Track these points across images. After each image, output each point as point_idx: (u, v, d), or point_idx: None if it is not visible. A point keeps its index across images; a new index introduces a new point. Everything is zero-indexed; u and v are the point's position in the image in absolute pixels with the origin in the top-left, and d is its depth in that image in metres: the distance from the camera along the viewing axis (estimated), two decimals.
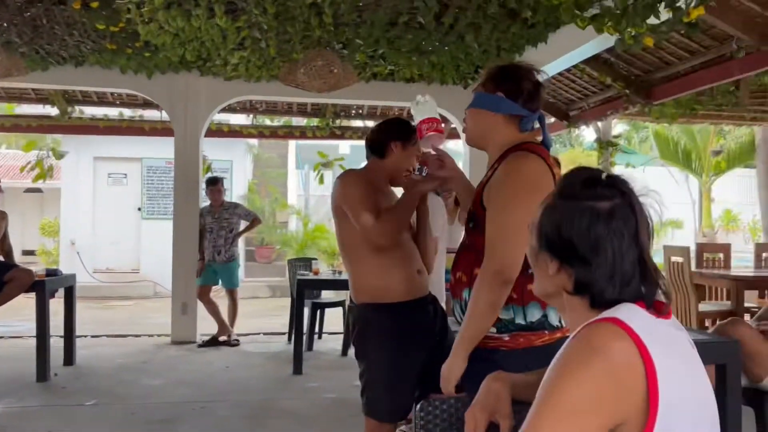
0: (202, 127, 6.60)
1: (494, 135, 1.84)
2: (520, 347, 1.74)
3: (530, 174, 1.72)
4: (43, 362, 4.85)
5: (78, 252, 11.09)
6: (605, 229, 1.06)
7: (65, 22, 4.88)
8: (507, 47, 5.23)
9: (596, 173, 1.13)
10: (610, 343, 0.97)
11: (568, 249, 1.09)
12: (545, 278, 1.15)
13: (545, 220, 1.13)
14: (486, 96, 1.84)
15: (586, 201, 1.09)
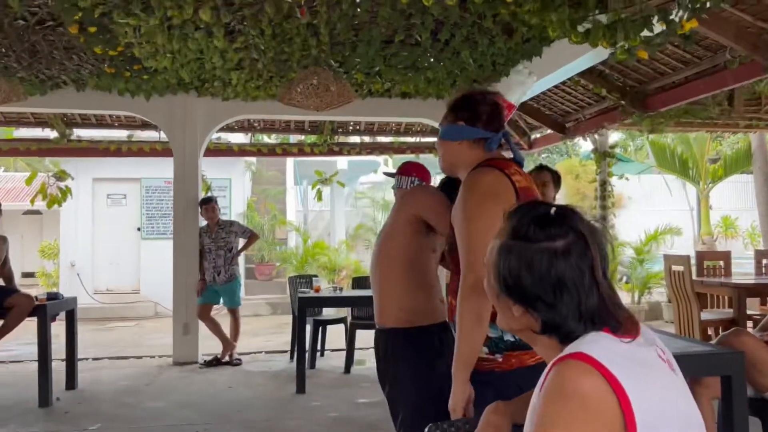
0: (200, 147, 6.63)
1: (462, 160, 1.92)
2: (512, 368, 1.76)
3: (484, 184, 1.78)
4: (45, 387, 4.83)
5: (78, 273, 11.07)
6: (565, 267, 1.05)
7: (64, 47, 4.92)
8: (502, 62, 5.28)
9: (545, 210, 1.11)
10: (581, 384, 0.97)
11: (531, 294, 1.08)
12: (510, 318, 1.14)
13: (502, 263, 1.11)
14: (448, 127, 1.95)
15: (541, 242, 1.07)
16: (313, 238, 12.21)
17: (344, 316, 6.42)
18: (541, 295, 1.06)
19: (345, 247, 12.14)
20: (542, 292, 1.06)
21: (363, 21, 4.57)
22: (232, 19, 4.37)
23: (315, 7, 4.23)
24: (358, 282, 6.76)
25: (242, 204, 11.85)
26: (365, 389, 5.21)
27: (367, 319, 5.99)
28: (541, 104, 7.16)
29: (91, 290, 11.05)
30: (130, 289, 11.34)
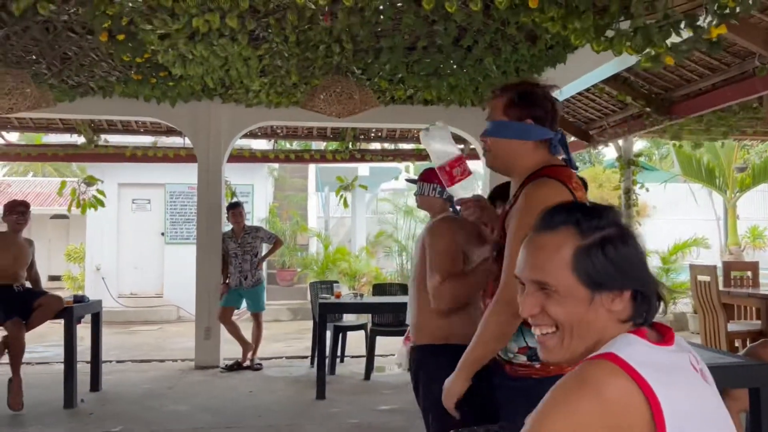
0: (224, 153, 6.70)
1: (523, 163, 1.81)
2: (551, 374, 1.72)
3: (545, 201, 1.65)
4: (71, 388, 4.90)
5: (103, 277, 11.23)
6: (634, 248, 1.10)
7: (93, 54, 5.02)
8: (525, 68, 5.25)
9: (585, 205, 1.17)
10: (604, 380, 0.96)
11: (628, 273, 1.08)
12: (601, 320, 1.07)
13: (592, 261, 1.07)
14: (514, 125, 1.79)
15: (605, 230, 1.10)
16: (334, 245, 12.25)
17: (365, 323, 6.42)
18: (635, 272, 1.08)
19: (366, 253, 12.16)
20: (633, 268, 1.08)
21: (386, 28, 4.58)
22: (256, 26, 4.42)
23: (338, 14, 4.26)
24: (378, 288, 6.76)
25: (265, 210, 11.94)
26: (385, 396, 5.20)
27: (387, 326, 5.99)
28: (564, 111, 7.11)
29: (116, 294, 11.21)
30: (154, 293, 11.47)
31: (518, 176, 1.84)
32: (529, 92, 1.82)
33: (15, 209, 5.10)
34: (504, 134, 1.82)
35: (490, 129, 1.85)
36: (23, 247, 5.14)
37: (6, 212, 5.13)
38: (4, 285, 4.92)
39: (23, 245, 5.16)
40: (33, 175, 20.14)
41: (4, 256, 4.98)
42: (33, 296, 4.98)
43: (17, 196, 16.75)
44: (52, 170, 20.10)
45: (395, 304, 5.54)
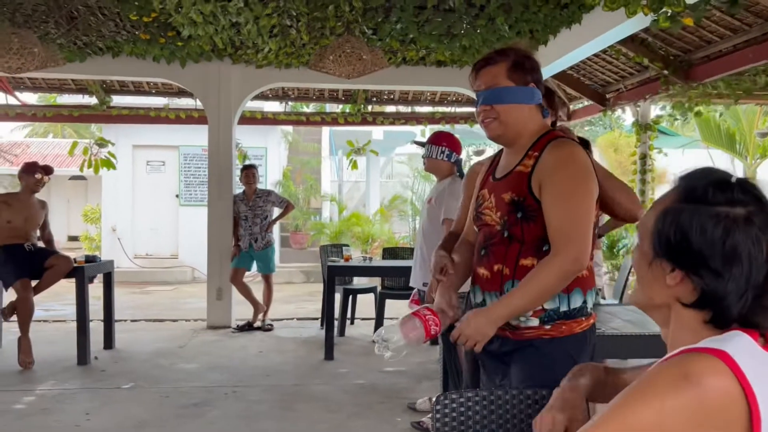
0: (234, 114, 6.67)
1: (531, 127, 1.82)
2: (562, 335, 1.74)
3: (585, 160, 1.75)
4: (84, 346, 5.01)
5: (119, 238, 11.39)
6: (743, 237, 0.96)
7: (100, 13, 4.97)
8: (539, 29, 5.12)
9: (726, 176, 1.02)
10: (709, 378, 0.89)
11: (698, 259, 0.98)
12: (657, 288, 1.04)
13: (667, 225, 1.00)
14: (522, 89, 1.80)
15: (719, 206, 0.97)
16: (348, 209, 12.26)
17: (374, 286, 6.45)
18: (709, 262, 0.96)
19: (380, 216, 12.15)
20: (711, 258, 0.96)
21: None
22: None
23: None
24: (388, 252, 6.77)
25: (278, 173, 11.94)
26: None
27: (396, 289, 6.00)
28: (581, 74, 6.94)
29: (132, 254, 11.37)
30: (169, 254, 11.62)
31: (523, 142, 1.82)
32: (527, 56, 1.84)
33: (36, 170, 5.12)
34: (514, 99, 1.80)
35: (495, 96, 1.80)
36: (35, 207, 5.20)
37: (25, 172, 5.16)
38: (15, 244, 4.99)
39: (35, 206, 5.21)
40: (53, 137, 20.30)
41: (16, 217, 5.04)
42: (44, 256, 5.05)
43: (36, 157, 16.94)
44: (72, 132, 20.24)
45: (403, 267, 5.53)
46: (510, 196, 1.78)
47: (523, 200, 1.75)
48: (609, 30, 4.47)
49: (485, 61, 1.84)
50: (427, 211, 3.76)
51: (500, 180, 1.85)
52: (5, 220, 4.99)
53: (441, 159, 3.74)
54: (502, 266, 1.78)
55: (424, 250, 3.71)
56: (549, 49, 5.42)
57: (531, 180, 1.75)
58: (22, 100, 8.03)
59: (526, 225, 1.75)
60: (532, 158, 1.77)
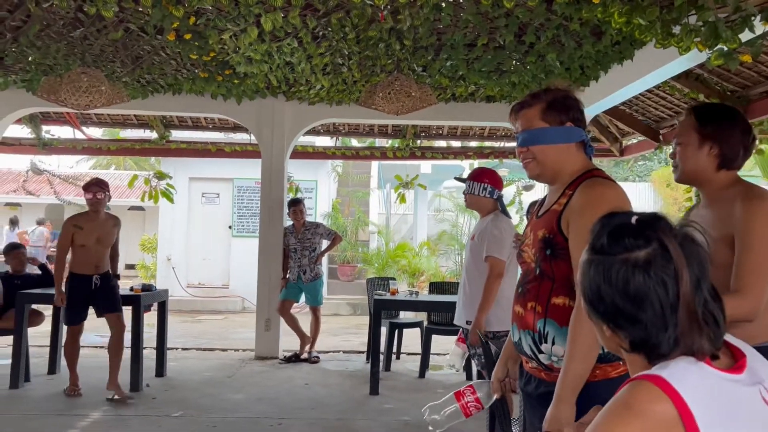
0: (287, 149, 6.84)
1: (570, 167, 1.83)
2: (596, 379, 1.69)
3: (615, 199, 1.72)
4: (137, 373, 5.15)
5: (173, 267, 11.71)
6: (645, 280, 0.98)
7: (163, 53, 5.23)
8: (590, 65, 5.09)
9: (625, 219, 1.04)
10: (648, 406, 0.92)
11: (613, 311, 1.02)
12: (603, 339, 1.09)
13: (585, 279, 1.05)
14: (557, 129, 1.82)
15: (617, 254, 1.00)
16: (395, 241, 12.29)
17: (420, 320, 6.41)
18: (622, 310, 1.00)
19: (427, 249, 12.11)
20: (623, 306, 0.99)
21: (446, 25, 4.54)
22: (317, 25, 4.49)
23: (398, 12, 4.27)
24: (435, 287, 6.73)
25: (327, 205, 12.11)
26: (439, 395, 5.13)
27: (443, 324, 5.95)
28: (633, 109, 6.84)
29: (185, 283, 11.66)
30: (221, 284, 11.87)
31: (562, 179, 1.84)
32: (563, 96, 1.85)
33: (88, 189, 4.96)
34: (548, 140, 1.83)
35: (531, 137, 1.84)
36: (107, 225, 5.01)
37: (83, 192, 5.04)
38: (84, 276, 4.87)
39: (107, 224, 5.01)
40: (115, 169, 21.21)
41: (88, 238, 4.87)
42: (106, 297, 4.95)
43: None
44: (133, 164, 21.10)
45: (449, 302, 5.49)
46: (543, 233, 1.80)
47: (552, 237, 1.76)
48: (662, 66, 4.41)
49: (521, 104, 1.88)
50: (470, 248, 3.76)
51: (540, 218, 1.86)
52: (79, 243, 4.86)
53: (483, 195, 3.73)
54: (534, 304, 1.78)
55: (467, 288, 3.69)
56: (600, 85, 5.38)
57: (561, 218, 1.76)
58: (88, 134, 8.46)
59: (555, 262, 1.75)
60: (566, 196, 1.78)
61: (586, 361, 1.64)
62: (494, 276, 3.54)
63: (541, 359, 1.77)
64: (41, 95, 5.01)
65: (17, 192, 13.31)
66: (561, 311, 1.72)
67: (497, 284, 3.53)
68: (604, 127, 7.61)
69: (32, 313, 5.44)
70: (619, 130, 7.64)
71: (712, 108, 2.14)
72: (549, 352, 1.74)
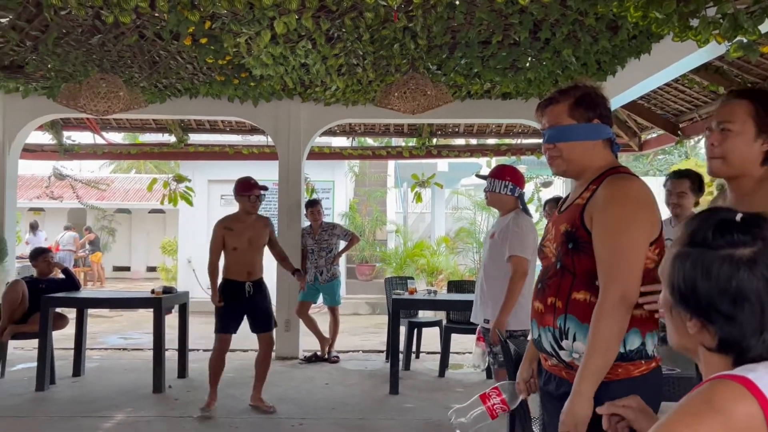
0: (303, 150, 6.87)
1: (595, 163, 1.83)
2: (619, 377, 1.67)
3: (639, 194, 1.71)
4: (159, 375, 5.21)
5: (194, 269, 11.81)
6: (749, 278, 0.95)
7: (180, 58, 5.28)
8: (607, 60, 5.05)
9: (729, 215, 1.01)
10: (733, 405, 0.89)
11: (708, 305, 0.98)
12: (683, 335, 1.05)
13: (677, 271, 1.02)
14: (584, 126, 1.82)
15: (721, 249, 0.98)
16: (413, 240, 12.28)
17: (440, 319, 6.41)
18: (718, 306, 0.96)
19: (445, 246, 12.08)
20: (720, 302, 0.96)
21: (460, 23, 4.53)
22: (330, 26, 4.50)
23: (411, 11, 4.26)
24: (454, 285, 6.72)
25: (344, 205, 12.14)
26: (458, 394, 5.17)
27: (462, 323, 5.94)
28: (652, 103, 6.76)
29: (205, 285, 11.74)
30: None
31: (588, 177, 1.83)
32: (591, 93, 1.84)
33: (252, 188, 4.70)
34: (576, 137, 1.82)
35: (558, 134, 1.84)
36: (257, 227, 4.78)
37: (237, 193, 4.74)
38: (237, 282, 4.66)
39: (257, 225, 4.79)
40: (135, 172, 21.48)
41: (239, 241, 4.66)
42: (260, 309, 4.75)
43: (120, 191, 17.91)
44: (153, 167, 21.35)
45: (468, 301, 5.47)
46: (565, 227, 1.79)
47: (575, 231, 1.75)
48: (680, 59, 4.36)
49: (548, 100, 1.87)
50: (490, 246, 3.70)
51: (562, 213, 1.85)
52: (230, 247, 4.67)
53: (504, 193, 3.67)
54: (555, 299, 1.76)
55: (484, 286, 3.65)
56: (617, 79, 5.32)
57: (584, 212, 1.74)
58: (108, 139, 8.57)
59: (576, 256, 1.73)
60: (589, 191, 1.78)
61: (607, 357, 1.63)
62: (519, 275, 3.49)
63: (561, 356, 1.76)
64: (61, 102, 5.09)
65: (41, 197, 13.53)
66: (582, 306, 1.70)
67: (521, 283, 3.48)
68: (622, 121, 7.53)
69: (57, 317, 5.51)
70: (637, 124, 7.56)
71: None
72: (570, 348, 1.73)
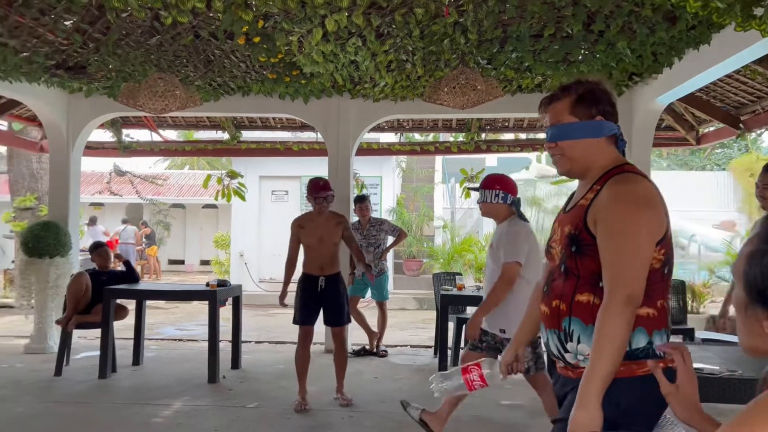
0: (352, 146, 6.93)
1: (600, 161, 1.78)
2: (620, 376, 1.62)
3: (644, 195, 1.66)
4: (214, 365, 5.36)
5: (246, 263, 12.09)
6: None
7: (233, 57, 5.41)
8: (664, 51, 4.90)
9: None
10: None
11: None
12: (757, 335, 1.01)
13: (753, 269, 0.98)
14: (586, 124, 1.77)
15: None
16: (460, 236, 12.22)
17: None
18: None
19: None
20: None
21: (511, 17, 4.49)
22: (381, 23, 4.53)
23: (462, 6, 4.25)
24: None
25: (392, 201, 12.18)
26: (507, 391, 5.13)
27: None
28: (711, 96, 6.53)
29: (257, 278, 12.02)
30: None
31: (592, 174, 1.79)
32: (592, 88, 1.79)
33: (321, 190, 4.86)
34: (577, 135, 1.78)
35: (559, 133, 1.80)
36: (329, 224, 4.87)
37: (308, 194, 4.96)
38: (311, 276, 4.83)
39: (328, 223, 4.88)
40: (189, 168, 22.08)
41: (310, 238, 4.82)
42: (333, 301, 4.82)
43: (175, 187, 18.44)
44: (205, 164, 21.91)
45: None
46: (569, 229, 1.75)
47: (578, 234, 1.71)
48: (743, 50, 4.20)
49: (550, 98, 1.83)
50: (490, 255, 3.74)
51: (567, 213, 1.82)
52: (304, 243, 4.86)
53: (495, 202, 3.71)
54: (559, 302, 1.73)
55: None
56: (674, 71, 5.17)
57: (587, 214, 1.70)
58: (164, 136, 8.85)
59: (579, 259, 1.70)
60: (593, 191, 1.73)
61: (613, 360, 1.57)
62: (505, 280, 3.50)
63: (567, 358, 1.73)
64: (122, 101, 5.28)
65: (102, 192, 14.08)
66: (586, 309, 1.67)
67: (507, 289, 3.50)
68: (679, 115, 7.30)
69: (118, 308, 5.74)
70: (695, 117, 7.31)
71: None
72: (575, 351, 1.70)
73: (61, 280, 6.46)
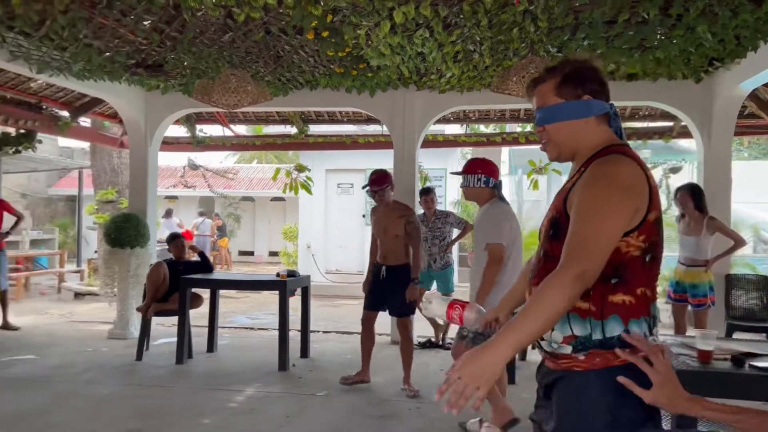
0: (418, 138, 6.93)
1: (589, 142, 1.69)
2: (596, 367, 1.56)
3: (624, 179, 1.56)
4: (284, 354, 5.51)
5: (313, 254, 12.32)
6: None
7: (302, 52, 5.51)
8: (748, 35, 4.64)
9: None
10: None
11: None
12: None
13: None
14: (572, 104, 1.68)
15: None
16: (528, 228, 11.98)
17: None
18: None
19: None
20: None
21: (583, 3, 4.36)
22: (448, 13, 4.49)
23: None
24: None
25: (457, 193, 12.10)
26: None
27: None
28: None
29: (324, 270, 12.23)
30: (356, 270, 12.30)
31: (581, 158, 1.71)
32: (579, 67, 1.70)
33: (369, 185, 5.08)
34: (564, 116, 1.69)
35: (546, 115, 1.72)
36: (391, 216, 4.98)
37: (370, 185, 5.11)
38: (377, 265, 5.05)
39: (392, 214, 4.99)
40: (257, 162, 22.67)
41: (377, 229, 5.07)
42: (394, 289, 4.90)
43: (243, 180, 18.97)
44: (273, 157, 22.43)
45: None
46: (552, 213, 1.70)
47: (558, 217, 1.65)
48: None
49: (536, 80, 1.76)
50: (474, 239, 3.81)
51: (556, 196, 1.76)
52: (373, 233, 5.17)
53: (478, 186, 3.79)
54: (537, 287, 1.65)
55: (475, 281, 3.74)
56: (759, 56, 4.89)
57: (567, 197, 1.63)
58: (235, 131, 9.12)
59: (556, 243, 1.62)
60: (579, 173, 1.66)
61: (540, 323, 1.47)
62: (493, 261, 3.58)
63: (543, 345, 1.69)
64: (196, 97, 5.47)
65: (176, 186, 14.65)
66: None
67: (497, 269, 3.57)
68: (763, 101, 6.89)
69: (193, 296, 5.98)
70: None
71: None
72: (549, 338, 1.64)
73: (141, 269, 6.79)
